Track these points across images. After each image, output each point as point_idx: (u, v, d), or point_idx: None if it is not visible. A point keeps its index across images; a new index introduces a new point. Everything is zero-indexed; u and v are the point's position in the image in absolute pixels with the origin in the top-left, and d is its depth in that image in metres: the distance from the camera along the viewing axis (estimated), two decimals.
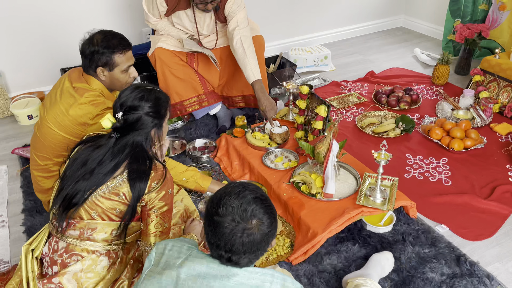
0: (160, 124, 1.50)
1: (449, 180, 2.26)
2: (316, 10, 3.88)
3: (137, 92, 1.46)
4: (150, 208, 1.46)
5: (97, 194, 1.42)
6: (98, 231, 1.44)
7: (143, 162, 1.43)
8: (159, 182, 1.44)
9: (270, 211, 1.12)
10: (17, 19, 2.91)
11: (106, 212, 1.43)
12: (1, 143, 2.76)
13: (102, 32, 1.84)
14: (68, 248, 1.44)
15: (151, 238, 1.49)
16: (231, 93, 2.77)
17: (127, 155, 1.43)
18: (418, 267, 1.75)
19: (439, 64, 3.17)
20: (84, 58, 1.84)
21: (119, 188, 1.42)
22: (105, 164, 1.42)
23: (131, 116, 1.44)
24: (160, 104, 1.48)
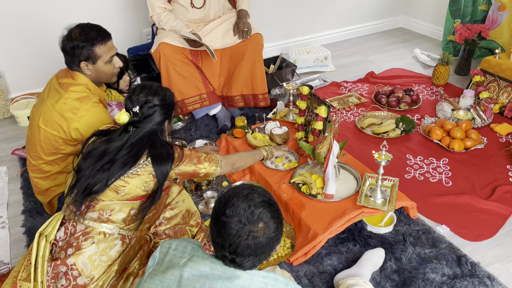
0: (171, 117, 1.64)
1: (449, 180, 2.26)
2: (316, 11, 3.88)
3: (148, 89, 1.59)
4: (190, 171, 1.65)
5: (120, 179, 1.48)
6: (116, 211, 1.49)
7: (163, 146, 1.55)
8: (181, 159, 1.59)
9: (277, 215, 1.12)
10: (17, 20, 2.91)
11: (134, 189, 1.50)
12: (1, 144, 2.76)
13: (79, 26, 1.83)
14: (85, 231, 1.47)
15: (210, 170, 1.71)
16: (231, 92, 2.77)
17: (146, 144, 1.52)
18: (419, 267, 1.75)
19: (439, 64, 3.17)
20: (65, 54, 1.84)
21: (144, 172, 1.50)
22: (125, 155, 1.49)
23: (147, 109, 1.55)
24: (168, 98, 1.62)
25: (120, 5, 3.19)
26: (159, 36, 2.63)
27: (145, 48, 3.28)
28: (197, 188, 2.26)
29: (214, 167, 1.73)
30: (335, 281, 1.67)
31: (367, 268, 1.68)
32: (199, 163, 1.68)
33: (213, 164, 1.73)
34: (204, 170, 1.70)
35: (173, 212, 1.82)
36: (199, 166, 1.68)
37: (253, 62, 2.67)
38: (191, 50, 2.62)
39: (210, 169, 1.72)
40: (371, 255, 1.73)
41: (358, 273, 1.64)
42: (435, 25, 4.03)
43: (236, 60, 2.68)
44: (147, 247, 1.64)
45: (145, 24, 3.34)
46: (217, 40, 2.66)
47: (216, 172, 1.74)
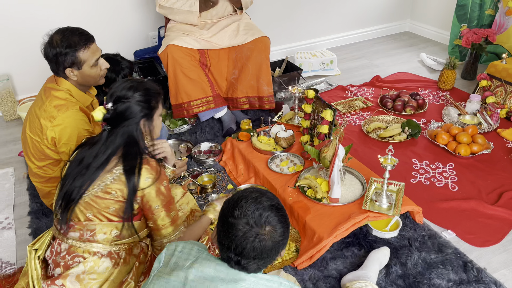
0: (150, 115, 1.48)
1: (455, 185, 2.25)
2: (322, 15, 3.88)
3: (127, 83, 1.47)
4: (149, 206, 1.46)
5: (90, 194, 1.41)
6: (97, 232, 1.44)
7: (134, 156, 1.42)
8: (152, 177, 1.43)
9: (284, 220, 1.12)
10: (24, 23, 2.93)
11: (102, 212, 1.43)
12: (8, 145, 2.78)
13: (59, 31, 1.77)
14: (70, 250, 1.45)
15: (163, 231, 1.51)
16: (236, 94, 2.78)
17: (118, 147, 1.42)
18: (425, 273, 1.74)
19: (446, 69, 3.16)
20: (49, 62, 1.79)
21: (111, 185, 1.41)
22: (98, 158, 1.42)
23: (120, 105, 1.43)
24: (149, 94, 1.47)
25: (126, 8, 3.21)
26: (167, 38, 2.65)
27: (152, 51, 3.30)
28: (202, 191, 2.26)
29: (171, 229, 1.52)
30: (342, 283, 1.67)
31: (374, 268, 1.68)
32: (167, 204, 1.48)
33: (174, 226, 1.53)
34: (161, 220, 1.48)
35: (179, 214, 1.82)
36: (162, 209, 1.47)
37: (259, 65, 2.68)
38: (199, 50, 2.64)
39: (167, 230, 1.51)
40: (377, 255, 1.73)
41: (365, 275, 1.64)
42: (442, 30, 4.02)
43: (243, 61, 2.69)
44: (143, 255, 1.58)
45: (151, 27, 3.36)
46: (224, 39, 2.67)
47: (167, 238, 1.52)
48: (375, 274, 1.67)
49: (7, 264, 1.90)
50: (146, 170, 1.42)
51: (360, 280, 1.59)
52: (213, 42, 2.66)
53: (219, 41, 2.66)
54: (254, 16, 3.30)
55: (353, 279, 1.63)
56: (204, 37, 2.66)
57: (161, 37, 3.29)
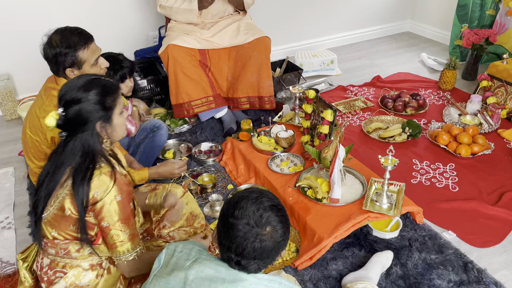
0: (107, 117, 1.35)
1: (456, 186, 2.25)
2: (322, 15, 3.88)
3: (78, 82, 1.33)
4: (101, 220, 1.34)
5: (50, 212, 1.34)
6: (70, 250, 1.38)
7: (86, 167, 1.30)
8: (102, 190, 1.30)
9: (285, 221, 1.12)
10: (25, 22, 2.93)
11: (65, 231, 1.35)
12: (8, 145, 2.78)
13: (58, 31, 1.75)
14: (51, 265, 1.41)
15: (120, 248, 1.38)
16: (236, 94, 2.77)
17: (72, 156, 1.31)
18: (425, 273, 1.74)
19: (446, 69, 3.15)
20: (49, 62, 1.77)
21: (63, 202, 1.32)
22: (54, 169, 1.33)
23: (71, 110, 1.30)
24: (104, 92, 1.34)
25: (127, 8, 3.21)
26: (168, 37, 2.65)
27: (152, 50, 3.30)
28: (202, 191, 2.26)
29: (129, 246, 1.38)
30: (343, 283, 1.66)
31: (376, 270, 1.67)
32: (124, 219, 1.34)
33: (132, 243, 1.39)
34: (116, 236, 1.34)
35: None
36: (117, 224, 1.34)
37: (260, 65, 2.68)
38: (199, 50, 2.64)
39: (123, 247, 1.37)
40: (380, 258, 1.73)
41: (366, 276, 1.63)
42: (442, 30, 4.02)
43: (243, 61, 2.69)
44: None
45: (152, 27, 3.35)
46: (225, 39, 2.67)
47: (125, 256, 1.39)
48: (377, 276, 1.67)
49: (7, 264, 1.90)
50: (97, 182, 1.29)
51: (361, 281, 1.59)
52: (214, 42, 2.66)
53: (220, 41, 2.66)
54: (255, 16, 3.30)
55: (354, 280, 1.63)
56: (204, 37, 2.65)
57: (161, 37, 3.29)
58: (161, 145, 2.41)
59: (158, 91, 3.03)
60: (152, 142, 2.36)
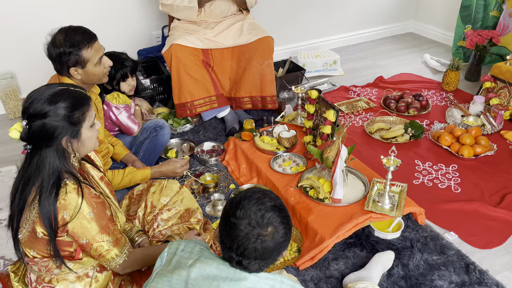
0: (74, 132, 1.27)
1: (458, 187, 2.24)
2: (325, 15, 3.88)
3: (45, 93, 1.25)
4: (82, 241, 1.30)
5: (24, 234, 1.30)
6: (51, 267, 1.35)
7: (52, 186, 1.23)
8: (70, 212, 1.24)
9: (287, 221, 1.12)
10: (28, 21, 2.94)
11: (43, 251, 1.31)
12: (11, 143, 2.79)
13: (62, 30, 1.75)
14: (37, 281, 1.39)
15: (108, 256, 1.36)
16: (239, 93, 2.78)
17: (37, 173, 1.25)
18: (427, 274, 1.74)
19: (449, 70, 3.15)
20: (53, 62, 1.77)
21: (34, 225, 1.26)
22: (20, 186, 1.28)
23: (35, 124, 1.21)
24: (72, 106, 1.25)
25: (130, 8, 3.22)
26: (171, 37, 2.65)
27: (155, 50, 3.30)
28: (204, 191, 2.26)
29: (116, 251, 1.36)
30: (344, 283, 1.67)
31: (377, 271, 1.67)
32: (103, 229, 1.31)
33: (118, 247, 1.37)
34: (100, 248, 1.31)
35: (170, 213, 1.81)
36: (97, 236, 1.30)
37: (263, 64, 2.68)
38: (202, 50, 2.64)
39: (111, 253, 1.35)
40: (381, 258, 1.73)
41: (367, 276, 1.63)
42: (446, 31, 4.01)
43: (246, 61, 2.69)
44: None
45: (155, 26, 3.36)
46: (228, 39, 2.67)
47: (115, 261, 1.37)
48: (378, 276, 1.67)
49: (10, 262, 1.90)
50: (64, 203, 1.24)
51: (362, 281, 1.59)
52: (217, 41, 2.66)
53: (223, 41, 2.67)
54: (258, 16, 3.30)
55: (355, 280, 1.63)
56: (208, 37, 2.66)
57: (164, 37, 3.30)
58: (163, 144, 2.41)
59: (161, 91, 3.04)
60: (155, 141, 2.36)
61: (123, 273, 1.48)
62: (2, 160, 2.62)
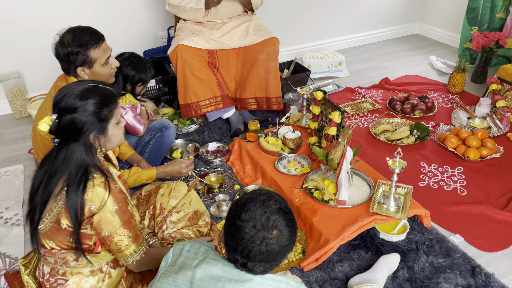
0: (102, 128, 1.31)
1: (464, 189, 2.23)
2: (330, 16, 3.88)
3: (76, 89, 1.29)
4: (101, 231, 1.33)
5: (46, 225, 1.33)
6: (68, 259, 1.38)
7: (79, 179, 1.27)
8: (98, 204, 1.28)
9: (292, 224, 1.12)
10: (35, 22, 2.96)
11: (63, 242, 1.34)
12: (18, 142, 2.81)
13: (70, 30, 1.77)
14: (51, 273, 1.41)
15: (126, 252, 1.39)
16: (244, 94, 2.78)
17: (64, 166, 1.28)
18: (432, 277, 1.73)
19: (455, 72, 3.13)
20: (60, 61, 1.79)
21: (59, 216, 1.30)
22: (46, 179, 1.30)
23: (65, 118, 1.26)
24: (101, 103, 1.30)
25: (136, 8, 3.23)
26: (177, 37, 2.66)
27: (161, 50, 3.31)
28: (209, 191, 2.27)
29: (134, 248, 1.39)
30: (349, 285, 1.66)
31: (382, 273, 1.67)
32: (124, 224, 1.34)
33: (137, 244, 1.40)
34: (120, 242, 1.35)
35: (179, 215, 1.81)
36: (119, 230, 1.33)
37: (268, 65, 2.68)
38: (208, 50, 2.65)
39: (129, 249, 1.38)
40: (387, 260, 1.72)
41: (372, 278, 1.63)
42: (452, 32, 3.99)
43: (251, 62, 2.69)
44: None
45: (160, 27, 3.37)
46: (233, 40, 2.68)
47: (132, 257, 1.40)
48: (383, 279, 1.66)
49: (16, 260, 1.92)
50: (92, 195, 1.27)
51: (367, 283, 1.58)
52: (223, 42, 2.67)
53: (229, 42, 2.67)
54: (264, 17, 3.30)
55: (360, 282, 1.63)
56: (213, 37, 2.66)
57: (170, 37, 3.31)
58: (169, 144, 2.42)
59: (166, 91, 3.05)
60: (160, 141, 2.37)
61: (137, 271, 1.50)
62: (9, 159, 2.64)
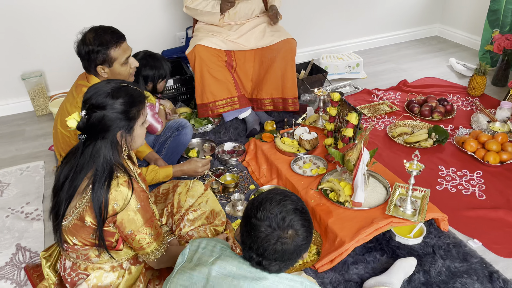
0: (129, 127, 1.33)
1: (483, 194, 2.19)
2: (348, 18, 3.86)
3: (106, 87, 1.31)
4: (124, 229, 1.36)
5: (69, 221, 1.35)
6: (90, 256, 1.41)
7: (105, 177, 1.29)
8: (121, 202, 1.30)
9: (308, 224, 1.12)
10: (57, 22, 3.03)
11: (86, 239, 1.37)
12: (39, 139, 2.87)
13: (92, 29, 1.81)
14: (73, 268, 1.45)
15: (148, 249, 1.42)
16: (260, 95, 2.79)
17: (90, 163, 1.31)
18: (449, 281, 1.70)
19: (476, 74, 3.08)
20: (82, 59, 1.83)
21: (84, 214, 1.32)
22: (71, 175, 1.33)
23: (95, 115, 1.28)
24: (130, 103, 1.32)
25: (155, 9, 3.27)
26: (195, 38, 2.68)
27: (179, 51, 3.35)
28: (224, 190, 2.28)
29: (156, 245, 1.42)
30: (365, 287, 1.65)
31: (398, 276, 1.65)
32: (146, 222, 1.37)
33: (158, 241, 1.42)
34: (142, 240, 1.37)
35: (196, 213, 1.83)
36: (142, 228, 1.36)
37: (285, 66, 2.69)
38: (225, 51, 2.67)
39: (150, 247, 1.41)
40: (403, 264, 1.70)
41: (388, 281, 1.62)
42: (472, 35, 3.93)
43: (268, 62, 2.70)
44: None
45: (179, 27, 3.41)
46: (251, 40, 2.69)
47: (154, 255, 1.43)
48: (399, 282, 1.64)
49: (35, 254, 1.96)
50: (115, 194, 1.30)
51: (383, 286, 1.57)
52: (240, 43, 2.68)
53: (246, 43, 2.68)
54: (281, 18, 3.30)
55: (375, 284, 1.61)
56: (231, 38, 2.68)
57: (188, 38, 3.34)
58: (185, 143, 2.44)
59: (184, 91, 3.08)
60: (177, 140, 2.39)
61: (157, 268, 1.53)
62: (31, 155, 2.70)
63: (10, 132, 2.97)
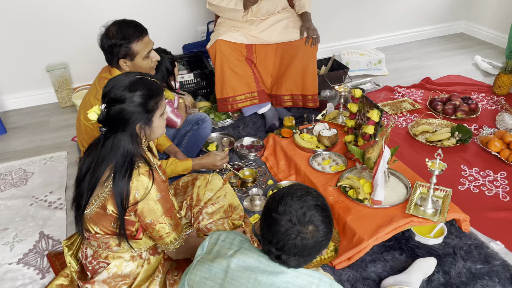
0: (148, 119, 1.36)
1: (507, 195, 2.14)
2: (371, 13, 3.80)
3: (125, 80, 1.33)
4: (144, 218, 1.38)
5: (91, 210, 1.39)
6: (111, 244, 1.44)
7: (125, 167, 1.31)
8: (142, 192, 1.33)
9: (328, 221, 1.12)
10: (81, 16, 3.08)
11: (107, 227, 1.40)
12: (62, 130, 2.93)
13: (116, 23, 1.83)
14: (94, 256, 1.49)
15: (167, 239, 1.44)
16: (280, 91, 2.78)
17: (111, 155, 1.33)
18: (469, 283, 1.67)
19: (502, 73, 3.00)
20: (104, 52, 1.85)
21: (105, 203, 1.35)
22: (93, 166, 1.36)
23: (114, 108, 1.30)
24: (148, 95, 1.34)
25: (178, 4, 3.29)
26: (216, 32, 2.69)
27: (200, 45, 3.36)
28: (242, 185, 2.29)
29: (175, 235, 1.45)
30: (383, 286, 1.64)
31: (417, 276, 1.63)
32: (166, 212, 1.39)
33: (177, 232, 1.45)
34: (162, 230, 1.40)
35: (215, 207, 1.85)
36: (161, 218, 1.39)
37: (306, 62, 2.67)
38: (246, 45, 2.66)
39: (170, 237, 1.44)
40: (423, 264, 1.68)
41: (407, 280, 1.60)
42: (499, 32, 3.82)
43: (289, 58, 2.69)
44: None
45: (200, 22, 3.42)
46: (273, 35, 2.68)
47: (173, 245, 1.46)
48: (418, 282, 1.62)
49: (58, 242, 2.01)
50: (136, 183, 1.32)
51: (402, 285, 1.56)
52: (262, 38, 2.67)
53: (268, 37, 2.67)
54: None
55: (394, 283, 1.60)
56: (253, 33, 2.68)
57: (209, 32, 3.35)
58: (205, 137, 2.46)
59: (204, 85, 3.09)
60: (197, 134, 2.41)
61: (176, 258, 1.56)
62: (54, 145, 2.77)
63: (35, 122, 3.04)
